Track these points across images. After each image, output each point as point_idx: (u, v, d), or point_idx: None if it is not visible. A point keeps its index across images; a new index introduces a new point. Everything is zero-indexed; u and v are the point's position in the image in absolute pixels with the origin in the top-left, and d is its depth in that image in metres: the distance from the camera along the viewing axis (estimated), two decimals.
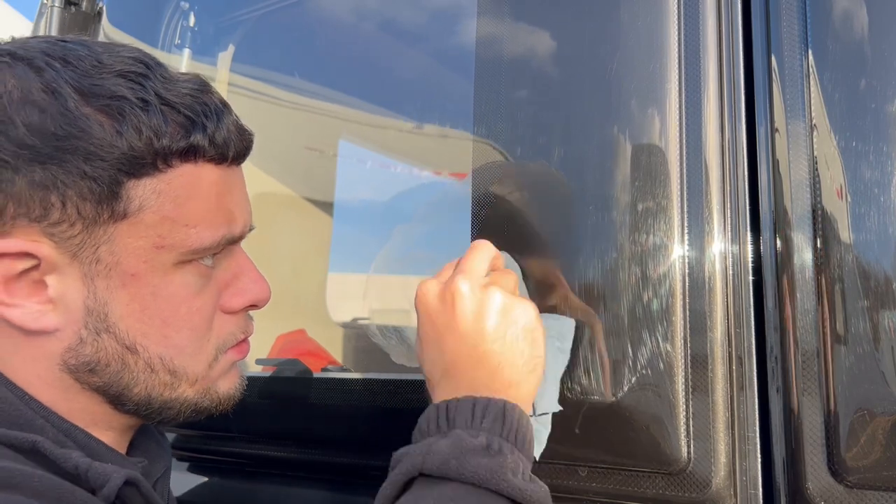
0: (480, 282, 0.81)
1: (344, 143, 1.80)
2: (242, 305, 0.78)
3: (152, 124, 0.67)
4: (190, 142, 0.69)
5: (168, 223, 0.69)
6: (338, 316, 1.82)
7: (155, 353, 0.72)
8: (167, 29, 1.55)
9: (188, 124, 0.69)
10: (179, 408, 0.76)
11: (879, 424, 0.72)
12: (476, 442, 0.70)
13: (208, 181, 0.72)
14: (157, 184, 0.69)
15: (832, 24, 0.80)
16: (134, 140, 0.66)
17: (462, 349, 0.78)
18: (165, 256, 0.70)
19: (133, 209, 0.68)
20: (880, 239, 0.74)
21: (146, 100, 0.68)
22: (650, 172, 0.86)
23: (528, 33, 0.99)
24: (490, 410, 0.74)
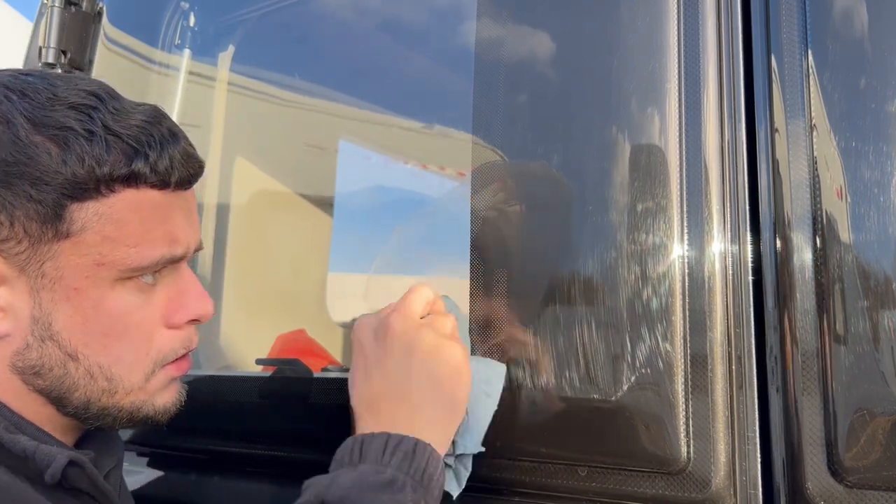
0: (415, 322, 0.86)
1: (344, 143, 1.80)
2: (184, 320, 0.83)
3: (94, 153, 0.73)
4: (131, 169, 0.75)
5: (108, 243, 0.75)
6: (338, 316, 1.82)
7: (94, 362, 0.77)
8: (167, 29, 1.55)
9: (131, 153, 0.75)
10: (116, 415, 0.80)
11: (879, 424, 0.72)
12: (380, 478, 0.76)
13: (149, 205, 0.77)
14: (99, 207, 0.74)
15: (832, 24, 0.80)
16: (76, 167, 0.73)
17: (387, 385, 0.83)
18: (106, 273, 0.76)
19: (75, 230, 0.74)
20: (880, 239, 0.75)
21: (92, 130, 0.74)
22: (650, 172, 0.86)
23: (527, 33, 0.99)
24: (400, 448, 0.79)
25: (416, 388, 0.83)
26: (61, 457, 0.73)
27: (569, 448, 0.87)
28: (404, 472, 0.77)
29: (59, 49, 1.53)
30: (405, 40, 1.49)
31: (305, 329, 1.75)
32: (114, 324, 0.77)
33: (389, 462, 0.78)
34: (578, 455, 0.87)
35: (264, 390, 1.22)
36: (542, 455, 0.89)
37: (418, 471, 0.78)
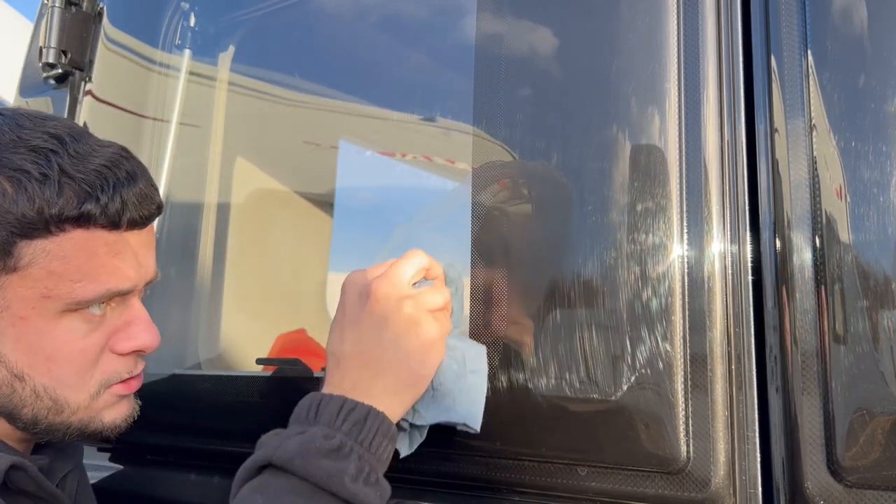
0: (400, 291, 0.88)
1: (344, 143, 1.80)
2: (129, 350, 0.88)
3: (45, 195, 0.78)
4: (80, 211, 0.79)
5: (54, 278, 0.80)
6: None
7: (39, 383, 0.83)
8: (167, 29, 1.55)
9: (83, 195, 0.79)
10: (65, 431, 0.86)
11: (879, 424, 0.72)
12: (328, 444, 0.79)
13: (97, 243, 0.82)
14: (47, 244, 0.79)
15: (832, 24, 0.80)
16: (26, 208, 0.77)
17: (358, 347, 0.86)
18: (51, 305, 0.81)
19: (23, 264, 0.79)
20: (880, 239, 0.75)
21: (46, 174, 0.78)
22: (650, 172, 0.86)
23: (527, 33, 0.99)
24: (353, 415, 0.82)
25: (383, 356, 0.86)
26: (3, 461, 0.78)
27: (569, 448, 0.87)
28: (353, 439, 0.80)
29: (60, 49, 1.53)
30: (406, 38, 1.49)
31: (305, 329, 1.75)
32: (57, 350, 0.83)
33: (340, 427, 0.81)
34: (578, 455, 0.87)
35: (264, 390, 1.22)
36: (542, 455, 0.89)
37: (367, 439, 0.81)
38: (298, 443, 0.79)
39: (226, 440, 1.26)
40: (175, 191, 1.53)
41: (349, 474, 0.78)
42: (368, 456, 0.81)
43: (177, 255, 1.53)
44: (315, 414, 0.83)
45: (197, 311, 1.54)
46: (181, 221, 1.53)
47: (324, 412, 0.83)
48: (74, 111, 1.57)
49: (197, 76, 1.58)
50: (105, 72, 1.56)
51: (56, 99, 1.59)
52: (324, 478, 0.77)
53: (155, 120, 1.54)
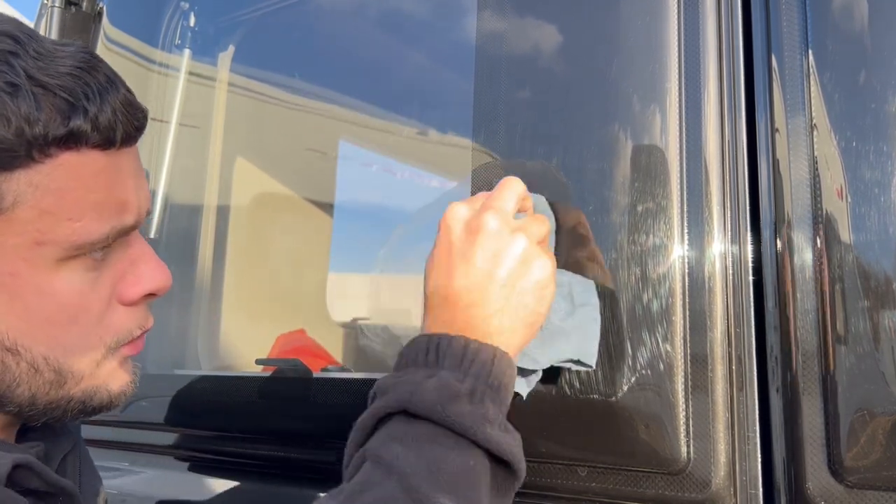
0: (510, 223, 0.79)
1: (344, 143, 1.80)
2: (140, 294, 0.73)
3: (22, 111, 0.61)
4: (69, 128, 0.63)
5: (48, 218, 0.64)
6: (338, 316, 1.82)
7: (39, 354, 0.68)
8: (167, 29, 1.55)
9: (66, 108, 0.63)
10: (65, 407, 0.71)
11: (879, 424, 0.72)
12: (461, 387, 0.71)
13: (93, 170, 0.66)
14: (34, 176, 0.63)
15: (832, 23, 0.80)
16: (1, 130, 0.60)
17: (470, 283, 0.77)
18: (47, 252, 0.65)
19: (6, 205, 0.62)
20: (880, 239, 0.74)
21: (14, 83, 0.61)
22: (650, 172, 0.86)
23: (527, 33, 0.99)
24: (480, 356, 0.74)
25: (499, 294, 0.77)
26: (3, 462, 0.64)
27: (569, 448, 0.87)
28: (483, 383, 0.73)
29: None
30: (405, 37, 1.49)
31: (305, 329, 1.75)
32: (60, 310, 0.68)
33: (468, 370, 0.73)
34: (578, 455, 0.87)
35: (264, 390, 1.22)
36: (542, 455, 0.89)
37: (495, 382, 0.74)
38: (435, 388, 0.71)
39: (225, 440, 1.26)
40: (175, 191, 1.53)
41: (489, 419, 0.71)
42: (498, 401, 0.74)
43: (177, 256, 1.53)
44: (436, 355, 0.74)
45: (197, 312, 1.54)
46: (181, 222, 1.53)
47: (446, 354, 0.74)
48: None
49: (197, 76, 1.58)
50: None
51: None
52: (467, 424, 0.70)
53: (154, 120, 1.54)
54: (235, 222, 1.65)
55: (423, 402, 0.71)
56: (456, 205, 0.81)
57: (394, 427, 0.72)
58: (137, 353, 0.76)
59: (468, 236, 0.79)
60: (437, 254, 0.80)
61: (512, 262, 0.77)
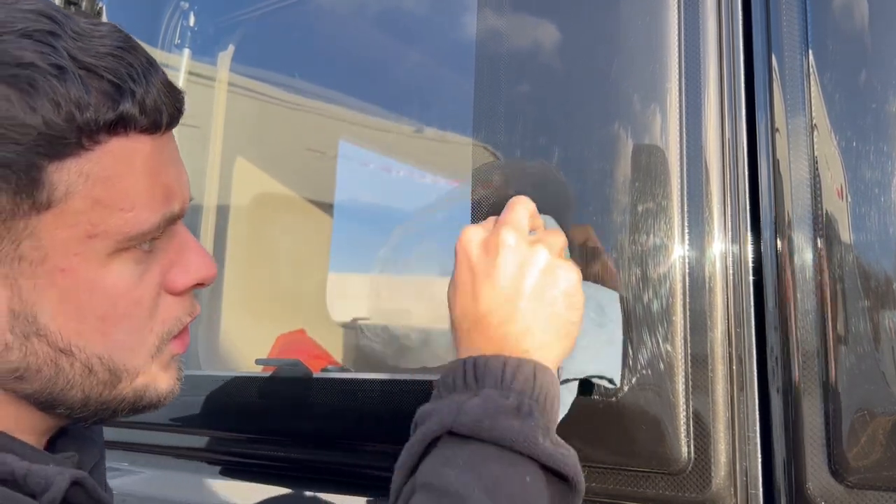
0: (526, 237, 0.78)
1: (344, 143, 1.80)
2: (188, 284, 0.71)
3: (72, 95, 0.58)
4: (119, 112, 0.60)
5: (100, 209, 0.61)
6: (338, 316, 1.82)
7: (93, 353, 0.65)
8: (167, 29, 1.55)
9: (114, 91, 0.60)
10: (116, 407, 0.69)
11: (880, 424, 0.72)
12: (507, 403, 0.68)
13: (142, 156, 0.63)
14: (84, 164, 0.60)
15: (832, 23, 0.80)
16: (51, 116, 0.57)
17: (497, 301, 0.75)
18: (99, 246, 0.62)
19: (58, 197, 0.59)
20: (881, 239, 0.74)
21: (60, 65, 0.58)
22: (650, 172, 0.86)
23: (527, 32, 0.99)
24: (521, 371, 0.71)
25: (528, 308, 0.74)
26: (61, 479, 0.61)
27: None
28: (528, 397, 0.70)
29: None
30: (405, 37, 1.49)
31: (305, 329, 1.75)
32: (113, 306, 0.65)
33: (511, 385, 0.70)
34: (579, 455, 0.87)
35: (264, 390, 1.22)
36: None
37: (541, 394, 0.71)
38: (479, 405, 0.68)
39: (224, 440, 1.26)
40: None
41: (540, 432, 0.68)
42: (547, 415, 0.71)
43: None
44: (475, 376, 0.71)
45: None
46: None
47: (485, 374, 0.71)
48: None
49: (196, 76, 1.58)
50: None
51: None
52: (518, 438, 0.66)
53: None
54: (235, 222, 1.65)
55: (468, 420, 0.68)
56: (469, 228, 0.79)
57: (441, 452, 0.69)
58: (186, 349, 0.74)
59: (487, 256, 0.76)
60: (459, 278, 0.78)
61: (537, 274, 0.75)
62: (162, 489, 1.32)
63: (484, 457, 0.67)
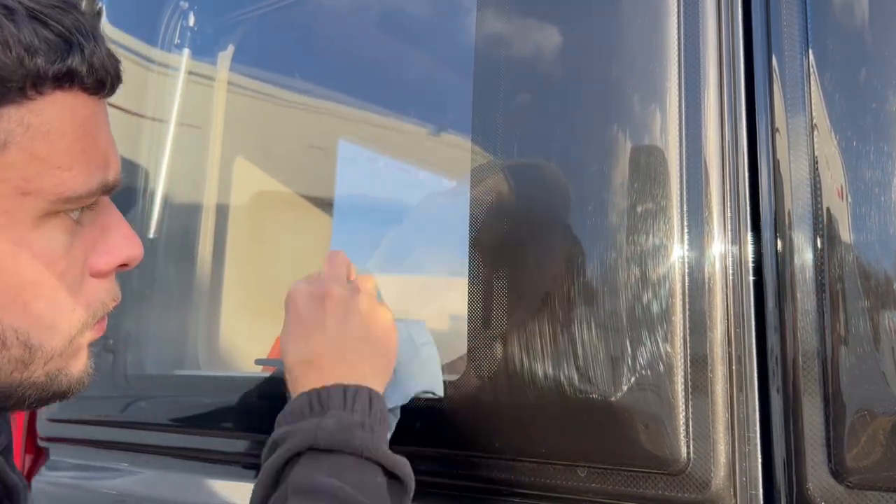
0: (346, 286, 0.91)
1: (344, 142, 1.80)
2: (112, 265, 0.66)
3: (22, 38, 0.54)
4: (67, 65, 0.57)
5: (37, 164, 0.57)
6: None
7: (9, 326, 0.59)
8: (167, 29, 1.54)
9: (62, 44, 0.57)
10: (24, 392, 0.63)
11: (880, 425, 0.72)
12: (355, 420, 0.80)
13: (83, 115, 0.60)
14: (25, 114, 0.56)
15: (832, 23, 0.80)
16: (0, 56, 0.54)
17: (328, 344, 0.87)
18: (31, 205, 0.58)
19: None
20: (881, 239, 0.74)
21: (11, 6, 0.55)
22: (650, 172, 0.86)
23: (527, 32, 0.99)
24: (359, 396, 0.83)
25: (353, 346, 0.88)
26: None
27: (569, 448, 0.87)
28: (368, 416, 0.81)
29: None
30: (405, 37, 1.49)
31: None
32: (36, 274, 0.60)
33: (354, 407, 0.81)
34: (578, 455, 0.87)
35: (264, 390, 1.22)
36: (542, 455, 0.88)
37: (376, 415, 0.83)
38: (334, 423, 0.79)
39: (224, 440, 1.26)
40: (174, 191, 1.53)
41: (383, 444, 0.80)
42: (383, 432, 0.83)
43: (176, 256, 1.53)
44: (319, 404, 0.82)
45: (196, 312, 1.54)
46: (180, 222, 1.53)
47: (330, 400, 0.82)
48: None
49: (196, 76, 1.58)
50: None
51: None
52: (369, 446, 0.78)
53: (154, 120, 1.54)
54: (235, 222, 1.65)
55: (326, 435, 0.78)
56: (297, 283, 0.93)
57: (305, 464, 0.78)
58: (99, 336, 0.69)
59: (315, 306, 0.89)
60: (291, 327, 0.90)
61: (360, 318, 0.89)
62: (162, 489, 1.32)
63: (344, 464, 0.77)
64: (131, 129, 1.53)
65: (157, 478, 1.34)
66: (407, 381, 0.94)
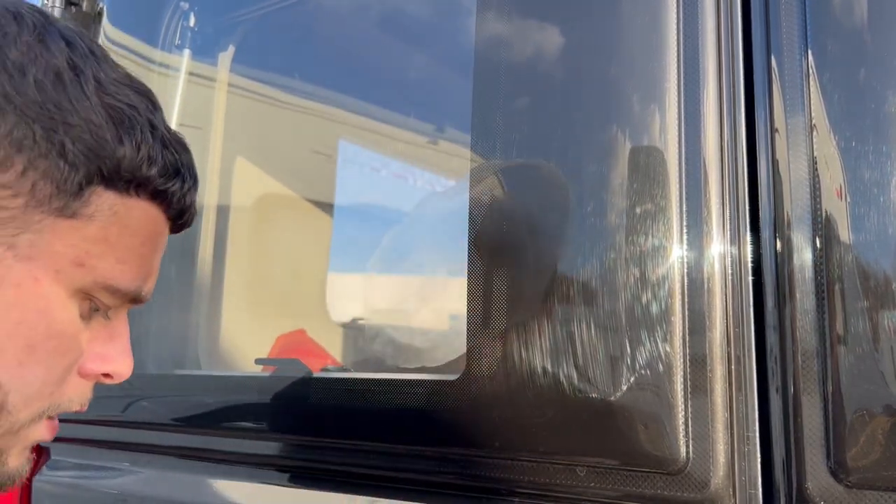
0: None
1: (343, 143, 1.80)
2: (99, 371, 0.69)
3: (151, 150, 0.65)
4: (167, 187, 0.67)
5: (103, 246, 0.64)
6: (338, 316, 1.82)
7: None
8: (167, 29, 1.55)
9: (171, 170, 0.67)
10: None
11: (879, 424, 0.72)
12: None
13: (155, 230, 0.69)
14: (119, 204, 0.64)
15: (832, 24, 0.80)
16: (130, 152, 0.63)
17: None
18: (78, 276, 0.63)
19: (83, 214, 0.62)
20: (880, 239, 0.74)
21: (154, 124, 0.66)
22: (650, 172, 0.86)
23: (527, 33, 0.99)
24: None
25: None
26: None
27: (568, 448, 0.87)
28: None
29: None
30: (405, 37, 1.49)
31: (305, 329, 1.75)
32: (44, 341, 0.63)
33: None
34: (578, 455, 0.87)
35: (264, 390, 1.22)
36: (542, 455, 0.89)
37: None
38: None
39: (224, 441, 1.26)
40: None
41: None
42: None
43: (177, 255, 1.53)
44: None
45: (197, 312, 1.54)
46: None
47: None
48: None
49: (196, 76, 1.58)
50: None
51: None
52: None
53: None
54: (235, 222, 1.65)
55: None
56: None
57: None
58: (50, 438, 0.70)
59: None
60: None
61: None
62: (163, 489, 1.32)
63: None
64: None
65: (159, 477, 1.34)
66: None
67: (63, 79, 0.62)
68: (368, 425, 1.08)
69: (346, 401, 1.10)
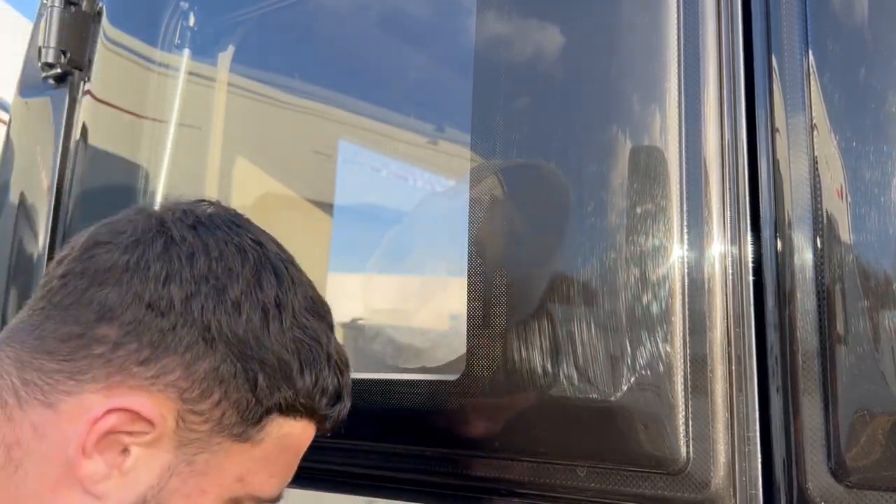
0: None
1: (343, 143, 1.80)
2: None
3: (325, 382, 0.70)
4: (330, 413, 0.72)
5: (264, 464, 0.70)
6: (338, 316, 1.82)
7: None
8: (167, 29, 1.55)
9: (336, 397, 0.72)
10: None
11: (879, 424, 0.72)
12: None
13: (307, 442, 0.74)
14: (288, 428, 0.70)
15: (832, 24, 0.80)
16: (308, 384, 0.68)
17: None
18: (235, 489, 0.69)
19: (257, 439, 0.68)
20: (880, 239, 0.74)
21: (330, 353, 0.71)
22: (650, 172, 0.86)
23: (527, 33, 0.99)
24: None
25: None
26: None
27: (568, 448, 0.87)
28: None
29: (59, 49, 1.53)
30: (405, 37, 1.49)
31: None
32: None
33: None
34: (578, 455, 0.87)
35: None
36: (542, 455, 0.88)
37: None
38: None
39: None
40: (175, 191, 1.53)
41: None
42: None
43: None
44: None
45: None
46: None
47: None
48: (73, 111, 1.57)
49: (196, 76, 1.58)
50: (104, 72, 1.55)
51: (55, 99, 1.59)
52: None
53: (154, 120, 1.54)
54: None
55: None
56: None
57: None
58: None
59: None
60: None
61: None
62: None
63: None
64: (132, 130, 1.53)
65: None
66: None
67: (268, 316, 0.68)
68: (368, 425, 1.08)
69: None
